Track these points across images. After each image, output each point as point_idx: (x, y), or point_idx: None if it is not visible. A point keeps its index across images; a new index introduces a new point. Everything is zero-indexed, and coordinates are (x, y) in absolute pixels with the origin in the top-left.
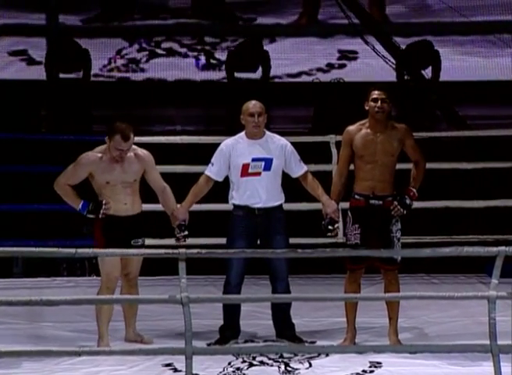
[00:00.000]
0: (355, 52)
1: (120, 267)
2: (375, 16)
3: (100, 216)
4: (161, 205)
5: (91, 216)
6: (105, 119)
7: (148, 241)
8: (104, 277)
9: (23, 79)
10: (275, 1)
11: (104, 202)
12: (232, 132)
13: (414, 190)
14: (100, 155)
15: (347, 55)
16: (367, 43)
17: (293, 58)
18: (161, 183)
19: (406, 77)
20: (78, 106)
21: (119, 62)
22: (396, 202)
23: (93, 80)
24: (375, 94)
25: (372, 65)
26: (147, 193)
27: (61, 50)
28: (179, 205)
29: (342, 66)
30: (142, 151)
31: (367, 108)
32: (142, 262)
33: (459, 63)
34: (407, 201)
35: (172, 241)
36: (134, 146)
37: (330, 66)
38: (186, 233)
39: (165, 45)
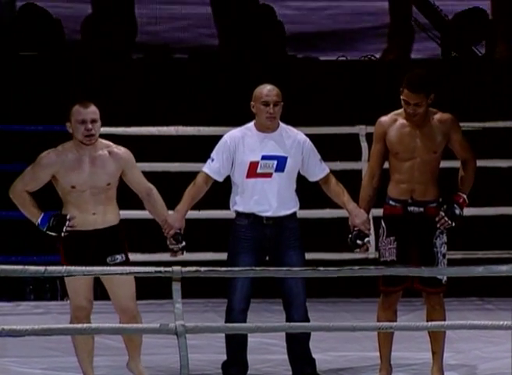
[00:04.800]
0: None
1: (88, 294)
2: (499, 52)
3: (62, 234)
4: (149, 211)
5: (52, 233)
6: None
7: (134, 257)
8: (70, 305)
9: None
10: (343, 32)
11: (68, 217)
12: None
13: (464, 196)
14: (65, 152)
15: None
16: None
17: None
18: (145, 184)
19: (453, 54)
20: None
21: None
22: (442, 213)
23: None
24: (407, 96)
25: None
26: (130, 197)
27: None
28: (171, 211)
29: None
30: (118, 148)
31: (401, 98)
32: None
33: None
34: (457, 211)
35: (165, 256)
36: (109, 142)
37: None
38: (184, 244)
39: None
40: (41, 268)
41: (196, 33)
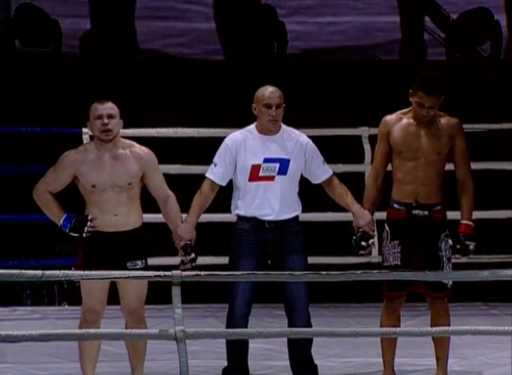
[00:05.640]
0: None
1: (102, 297)
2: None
3: (84, 234)
4: (164, 217)
5: (75, 234)
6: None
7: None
8: (82, 307)
9: None
10: (353, 47)
11: (90, 218)
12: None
13: (469, 222)
14: (86, 152)
15: None
16: None
17: None
18: (164, 190)
19: (458, 54)
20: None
21: None
22: (458, 255)
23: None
24: (422, 99)
25: None
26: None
27: (22, 19)
28: (184, 215)
29: None
30: (141, 149)
31: (411, 99)
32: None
33: None
34: (471, 247)
35: (164, 260)
36: (132, 142)
37: None
38: (193, 256)
39: None
40: (39, 272)
41: (197, 49)
